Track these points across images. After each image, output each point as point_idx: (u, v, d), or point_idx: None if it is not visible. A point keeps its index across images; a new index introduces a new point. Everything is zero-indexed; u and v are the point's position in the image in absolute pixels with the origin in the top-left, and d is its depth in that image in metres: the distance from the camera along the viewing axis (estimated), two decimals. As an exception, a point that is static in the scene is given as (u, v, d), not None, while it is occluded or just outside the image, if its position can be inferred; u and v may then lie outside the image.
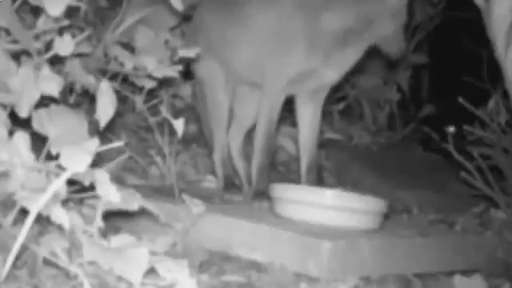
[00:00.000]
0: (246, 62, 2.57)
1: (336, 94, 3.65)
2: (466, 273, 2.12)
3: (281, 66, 2.48)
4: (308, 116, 2.61)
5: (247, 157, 2.68)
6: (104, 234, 1.68)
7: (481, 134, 2.92)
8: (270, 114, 2.52)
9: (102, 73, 2.33)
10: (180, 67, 2.26)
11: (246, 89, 2.70)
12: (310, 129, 2.60)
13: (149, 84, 2.34)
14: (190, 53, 2.31)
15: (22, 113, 1.75)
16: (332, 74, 2.52)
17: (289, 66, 2.48)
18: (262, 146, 2.51)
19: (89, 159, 1.51)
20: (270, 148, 2.53)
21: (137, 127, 3.11)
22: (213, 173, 2.81)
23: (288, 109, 2.69)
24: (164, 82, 2.71)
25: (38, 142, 1.72)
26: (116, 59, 2.31)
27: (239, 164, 2.77)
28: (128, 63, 2.27)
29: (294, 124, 2.73)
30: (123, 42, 2.39)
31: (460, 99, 2.81)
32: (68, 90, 2.31)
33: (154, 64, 2.23)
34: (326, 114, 3.43)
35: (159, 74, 2.26)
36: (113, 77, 2.34)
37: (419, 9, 4.05)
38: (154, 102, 2.87)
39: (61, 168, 1.54)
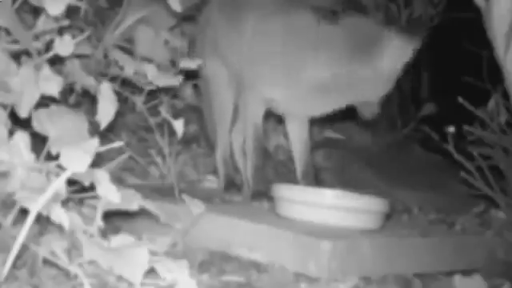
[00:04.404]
0: (241, 66, 2.56)
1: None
2: (466, 273, 2.12)
3: (258, 84, 2.47)
4: (295, 129, 2.62)
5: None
6: (104, 233, 1.69)
7: (481, 134, 2.92)
8: (254, 128, 2.51)
9: (102, 75, 2.33)
10: (181, 78, 2.26)
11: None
12: (299, 139, 2.61)
13: (148, 86, 2.35)
14: (191, 64, 2.31)
15: (22, 113, 1.75)
16: (303, 112, 2.53)
17: (261, 90, 2.47)
18: (253, 149, 2.51)
19: (89, 159, 1.51)
20: (261, 150, 2.53)
21: (137, 127, 3.11)
22: (213, 172, 2.81)
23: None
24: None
25: (38, 141, 1.72)
26: (116, 63, 2.32)
27: (241, 163, 2.77)
28: (128, 68, 2.27)
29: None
30: (123, 46, 2.39)
31: (460, 99, 2.81)
32: (68, 90, 2.32)
33: (154, 71, 2.23)
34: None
35: (160, 82, 2.26)
36: (113, 78, 2.34)
37: (419, 9, 4.06)
38: (154, 102, 2.87)
39: (61, 168, 1.54)
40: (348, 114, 3.93)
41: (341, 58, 2.33)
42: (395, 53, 2.31)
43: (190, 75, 2.87)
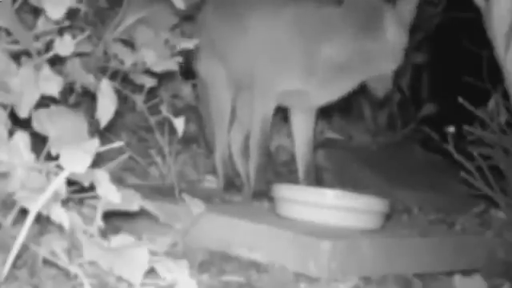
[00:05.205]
0: (243, 66, 2.56)
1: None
2: (466, 273, 2.12)
3: (271, 80, 2.49)
4: (301, 125, 2.61)
5: (248, 157, 2.68)
6: (104, 233, 1.68)
7: (481, 134, 2.92)
8: (262, 124, 2.52)
9: (102, 71, 2.33)
10: (180, 59, 2.26)
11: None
12: (303, 138, 2.61)
13: (149, 82, 2.34)
14: (188, 44, 2.31)
15: (22, 113, 1.75)
16: (323, 98, 2.54)
17: (278, 83, 2.48)
18: (258, 146, 2.52)
19: (89, 160, 1.51)
20: (266, 148, 2.54)
21: (137, 127, 3.10)
22: (213, 173, 2.81)
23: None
24: (164, 81, 2.71)
25: (38, 141, 1.72)
26: (116, 57, 2.31)
27: (240, 164, 2.77)
28: (128, 60, 2.27)
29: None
30: (123, 39, 2.39)
31: (460, 99, 2.81)
32: (68, 90, 2.31)
33: (153, 58, 2.23)
34: (325, 114, 3.44)
35: (159, 68, 2.26)
36: (113, 76, 2.34)
37: (419, 9, 4.05)
38: (155, 101, 2.86)
39: (61, 168, 1.54)
40: (348, 114, 3.95)
41: (349, 36, 2.39)
42: (396, 21, 2.41)
43: (190, 75, 2.87)
